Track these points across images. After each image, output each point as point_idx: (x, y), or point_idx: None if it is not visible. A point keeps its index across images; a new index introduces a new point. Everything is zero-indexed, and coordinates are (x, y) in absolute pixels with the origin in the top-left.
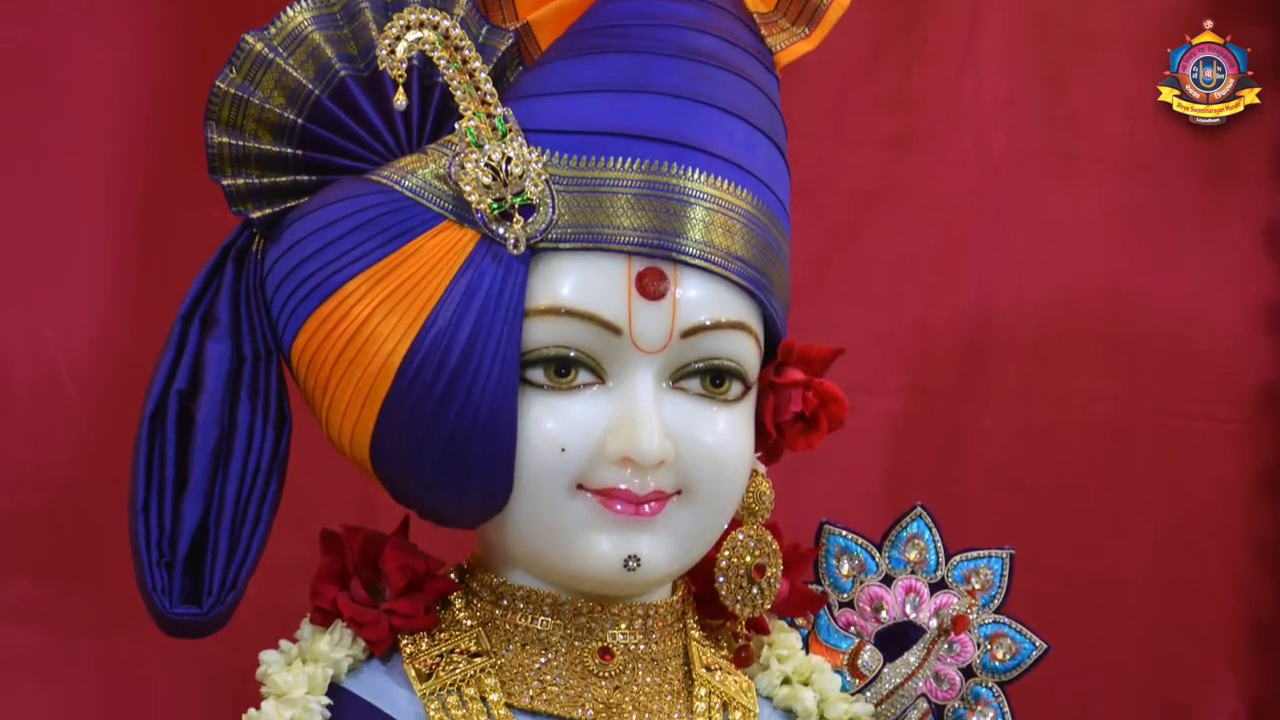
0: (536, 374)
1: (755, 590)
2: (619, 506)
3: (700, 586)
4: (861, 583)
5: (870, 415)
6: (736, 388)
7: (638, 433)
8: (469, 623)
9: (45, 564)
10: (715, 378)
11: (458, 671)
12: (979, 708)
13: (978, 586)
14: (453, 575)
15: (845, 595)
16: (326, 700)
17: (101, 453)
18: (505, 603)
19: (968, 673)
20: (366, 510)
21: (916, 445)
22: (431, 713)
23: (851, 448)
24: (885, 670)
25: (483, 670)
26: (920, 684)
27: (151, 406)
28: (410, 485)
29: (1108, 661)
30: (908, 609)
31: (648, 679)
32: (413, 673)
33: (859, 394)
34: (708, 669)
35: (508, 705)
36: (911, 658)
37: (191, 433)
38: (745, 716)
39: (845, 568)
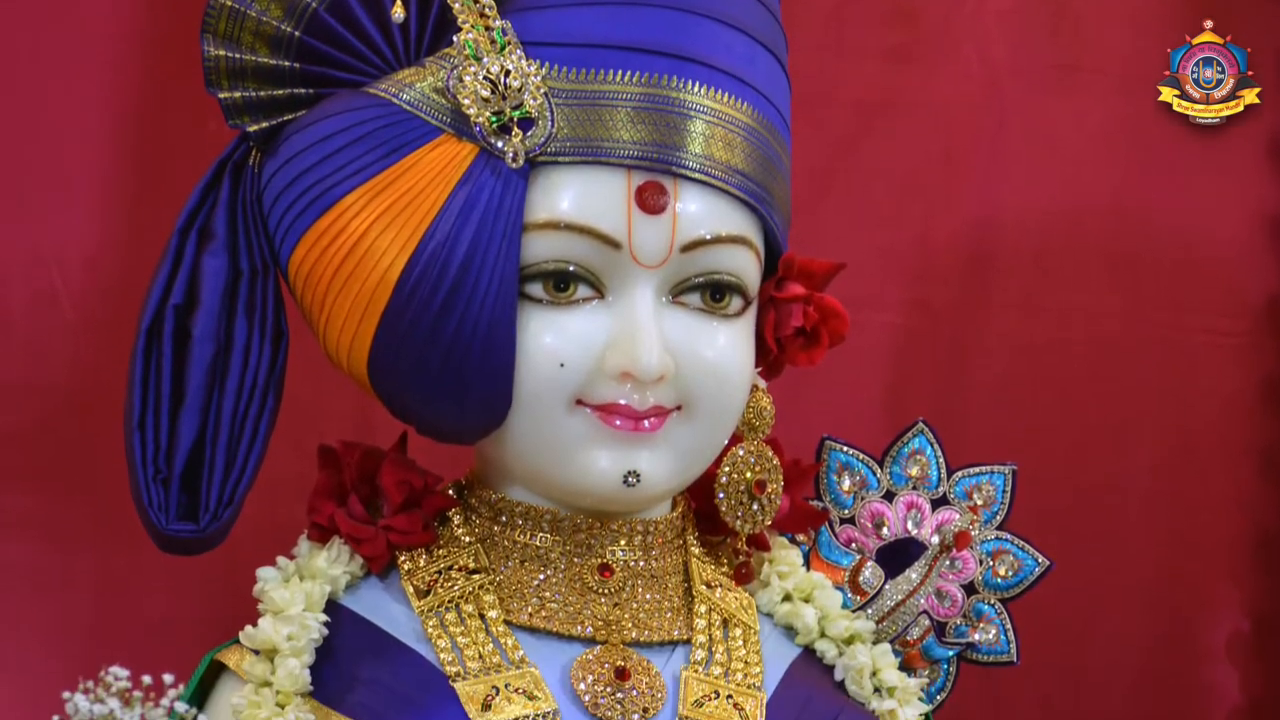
0: (535, 288)
1: (756, 506)
2: (618, 422)
3: (700, 503)
4: (863, 499)
5: (871, 330)
6: (737, 302)
7: (637, 348)
8: (467, 539)
9: (42, 479)
10: (715, 292)
11: (456, 588)
12: (981, 624)
13: (980, 502)
14: (451, 491)
15: (846, 511)
16: (324, 617)
17: (97, 368)
18: (504, 519)
19: (970, 589)
20: (364, 426)
21: (918, 360)
22: (429, 630)
23: (853, 363)
24: (886, 587)
25: (481, 587)
26: (922, 601)
27: (147, 322)
28: (408, 400)
29: (1111, 577)
30: (909, 525)
31: (647, 595)
32: (410, 589)
33: (860, 308)
34: (708, 585)
35: (506, 622)
36: (913, 574)
37: (188, 348)
38: (745, 633)
39: (846, 484)
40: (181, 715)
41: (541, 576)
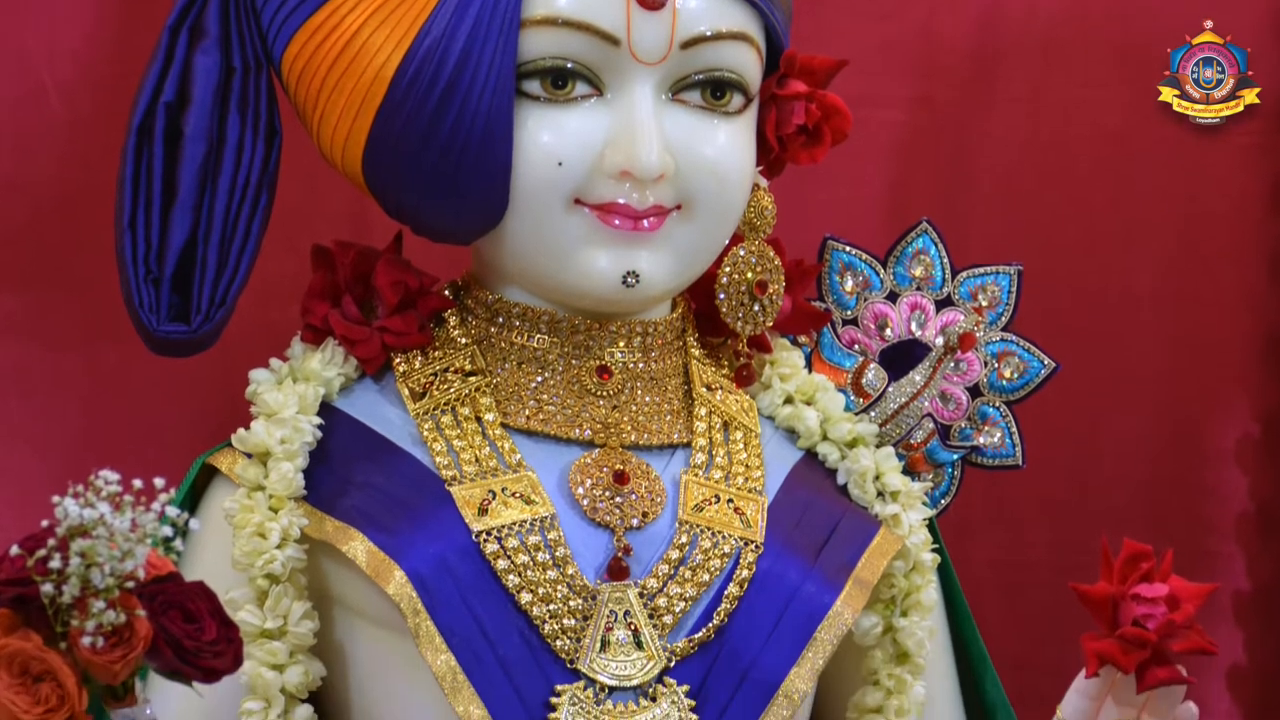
0: (533, 86)
1: (757, 307)
2: (617, 222)
3: (701, 304)
4: (866, 300)
5: (874, 127)
6: (737, 100)
7: (636, 146)
8: (464, 340)
9: (29, 280)
10: (716, 90)
11: (452, 390)
12: (986, 427)
13: (985, 303)
14: (447, 292)
15: (849, 312)
16: (317, 420)
17: (87, 166)
18: (501, 320)
19: (974, 392)
20: (359, 225)
21: (922, 158)
22: (425, 432)
23: (855, 161)
24: (890, 389)
25: (478, 389)
26: (926, 403)
27: (138, 120)
28: (404, 199)
29: (1117, 379)
30: (913, 326)
31: (646, 398)
32: (406, 392)
33: (863, 106)
34: (708, 388)
35: (503, 425)
36: (917, 376)
37: (179, 146)
38: (747, 436)
39: (849, 284)
40: (173, 520)
41: (539, 379)
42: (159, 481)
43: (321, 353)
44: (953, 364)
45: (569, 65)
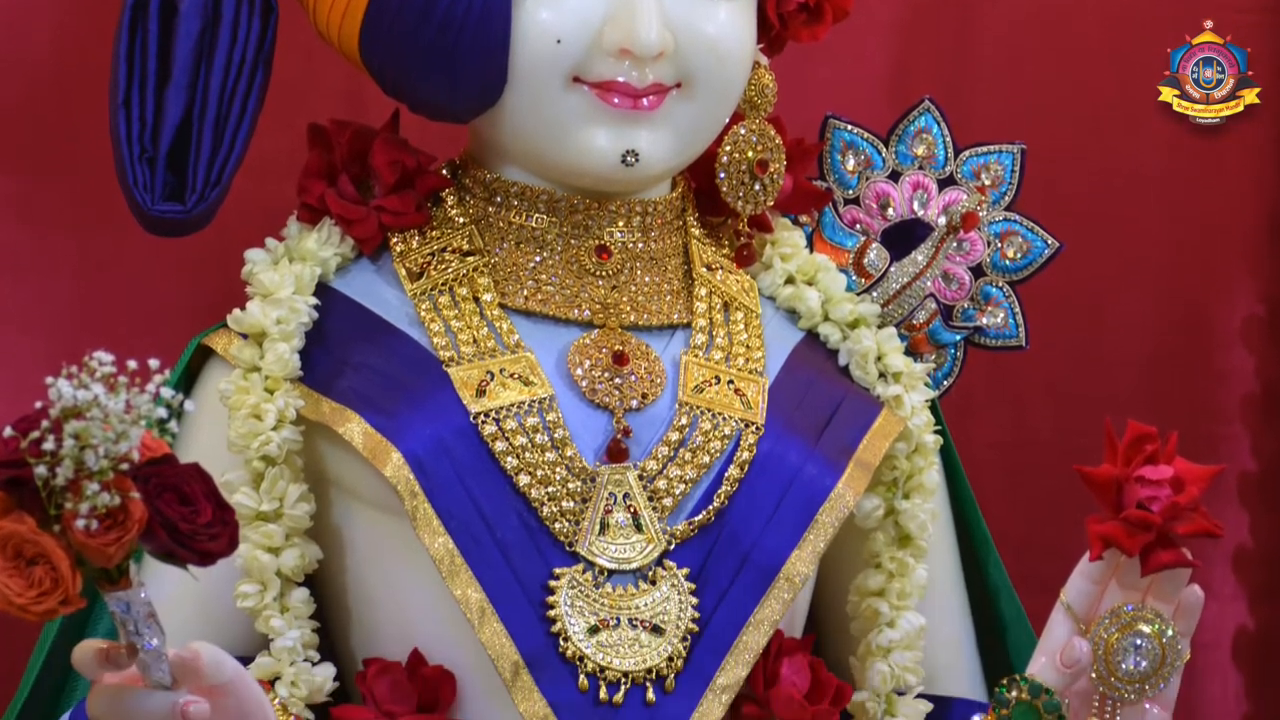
0: None
1: (757, 186)
2: (617, 100)
3: (701, 183)
4: (867, 179)
5: (876, 4)
6: None
7: (636, 23)
8: (461, 220)
9: (21, 159)
10: None
11: (450, 270)
12: (989, 308)
13: (987, 182)
14: (445, 171)
15: (850, 192)
16: (314, 300)
17: (81, 44)
18: (499, 199)
19: (977, 272)
20: (355, 104)
21: (924, 35)
22: (422, 313)
23: (857, 38)
24: (892, 269)
25: (475, 269)
26: (928, 283)
27: None
28: (401, 77)
29: (1122, 260)
30: (915, 206)
31: (646, 278)
32: (403, 272)
33: None
34: (708, 268)
35: (501, 305)
36: (919, 256)
37: (174, 23)
38: (747, 317)
39: (851, 163)
40: (167, 401)
41: (537, 259)
42: (154, 363)
43: (318, 232)
44: (955, 244)
45: None
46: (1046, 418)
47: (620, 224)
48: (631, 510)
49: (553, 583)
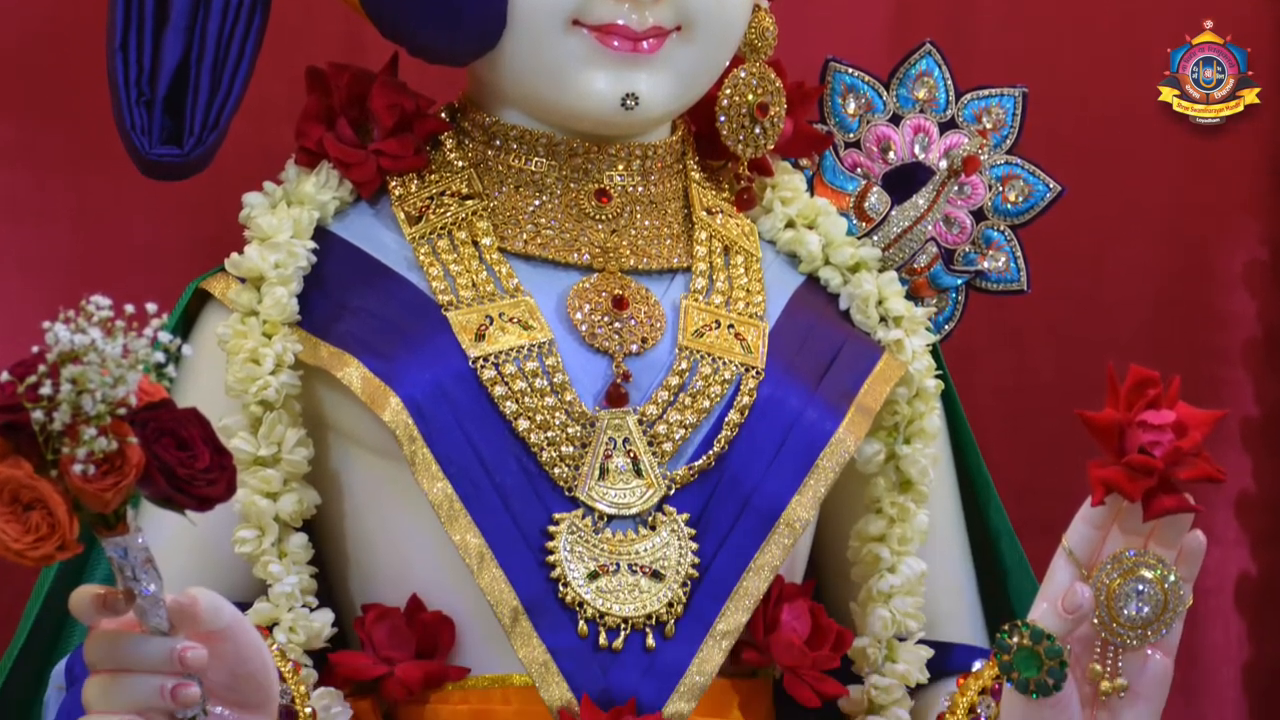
0: None
1: (758, 130)
2: (616, 43)
3: (701, 126)
4: (868, 122)
5: None
6: None
7: None
8: (460, 164)
9: (18, 104)
10: None
11: (448, 214)
12: (990, 252)
13: (989, 126)
14: (443, 115)
15: (851, 135)
16: (312, 244)
17: None
18: (498, 143)
19: (979, 216)
20: (354, 47)
21: None
22: (421, 257)
23: None
24: (893, 213)
25: (474, 213)
26: (929, 227)
27: None
28: (400, 20)
29: (1124, 203)
30: (916, 149)
31: (646, 222)
32: (402, 216)
33: None
34: (709, 212)
35: (500, 249)
36: (920, 200)
37: None
38: (747, 261)
39: (851, 106)
40: (165, 345)
41: (537, 202)
42: (151, 307)
43: (316, 176)
44: (957, 187)
45: None
46: (1048, 362)
47: (620, 168)
48: (631, 455)
49: (552, 528)
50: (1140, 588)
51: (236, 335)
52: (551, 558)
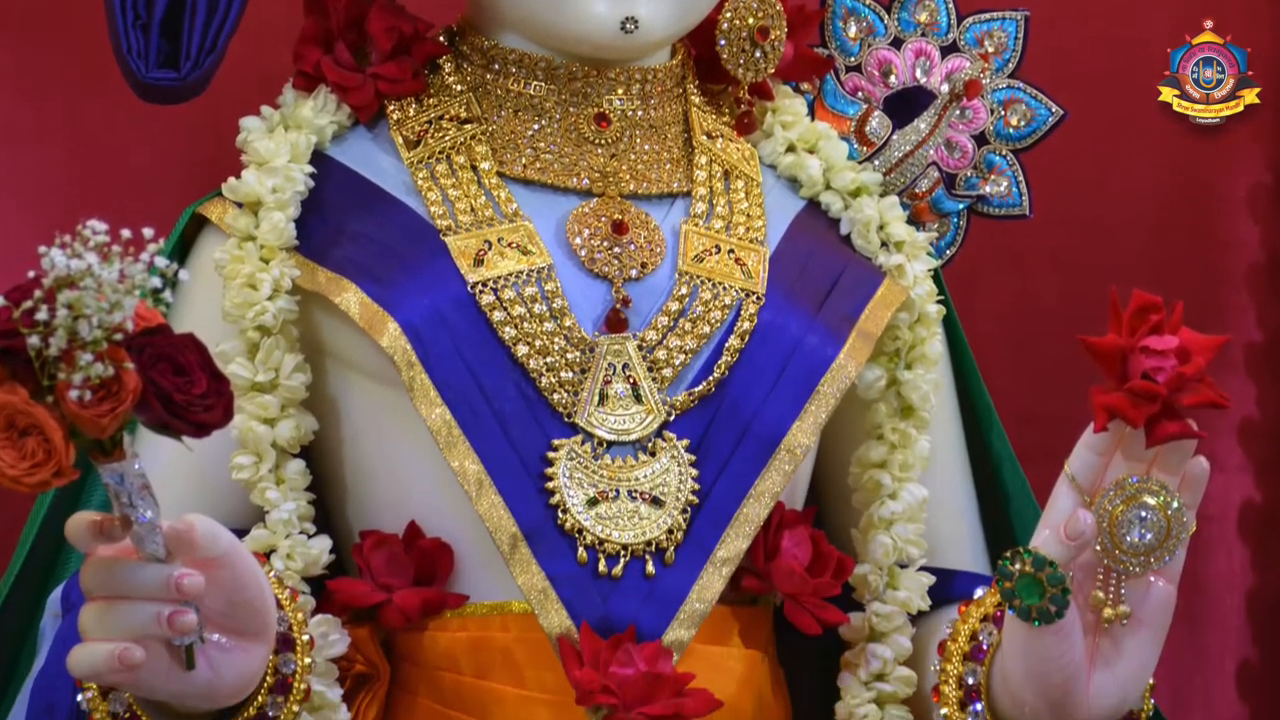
0: None
1: (758, 53)
2: None
3: (701, 50)
4: (869, 46)
5: None
6: None
7: None
8: (459, 88)
9: (11, 27)
10: None
11: (447, 139)
12: (992, 176)
13: (991, 49)
14: (442, 38)
15: (852, 59)
16: (309, 169)
17: None
18: (497, 67)
19: (980, 140)
20: None
21: None
22: (419, 181)
23: None
24: (894, 137)
25: (473, 137)
26: (931, 151)
27: None
28: None
29: (1127, 125)
30: (918, 73)
31: (646, 146)
32: (400, 140)
33: None
34: (709, 136)
35: (499, 174)
36: (922, 124)
37: None
38: (748, 185)
39: (852, 30)
40: (161, 270)
41: (536, 127)
42: (147, 232)
43: (314, 100)
44: (958, 111)
45: None
46: (1050, 287)
47: (619, 92)
48: (631, 381)
49: (551, 454)
50: (1143, 514)
51: (234, 260)
52: (550, 484)
